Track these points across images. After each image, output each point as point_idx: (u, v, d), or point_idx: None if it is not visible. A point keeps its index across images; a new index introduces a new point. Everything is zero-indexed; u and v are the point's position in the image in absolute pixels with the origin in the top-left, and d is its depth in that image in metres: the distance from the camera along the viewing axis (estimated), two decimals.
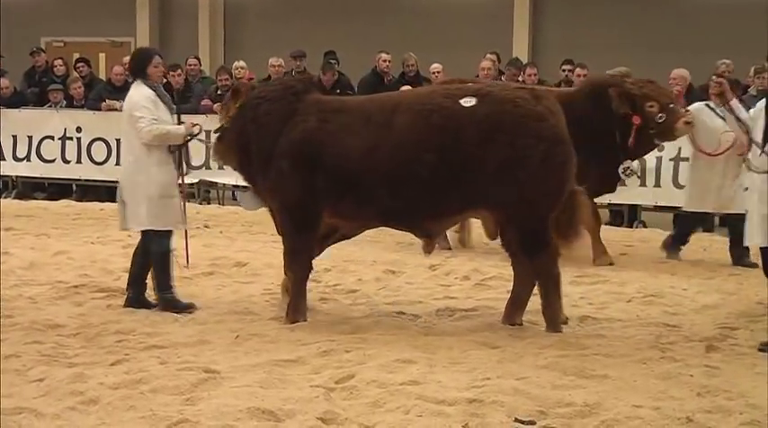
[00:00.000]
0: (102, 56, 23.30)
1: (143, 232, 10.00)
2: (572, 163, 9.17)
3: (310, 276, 9.62)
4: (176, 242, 10.06)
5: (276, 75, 18.21)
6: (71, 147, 18.44)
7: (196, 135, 9.88)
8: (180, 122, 10.13)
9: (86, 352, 8.44)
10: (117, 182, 10.22)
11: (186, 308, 9.84)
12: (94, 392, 7.30)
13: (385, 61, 18.26)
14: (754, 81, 15.77)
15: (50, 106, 18.91)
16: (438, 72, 17.70)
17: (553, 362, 8.02)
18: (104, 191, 18.29)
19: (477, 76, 17.34)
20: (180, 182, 9.98)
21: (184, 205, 10.07)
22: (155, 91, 9.86)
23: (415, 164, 9.04)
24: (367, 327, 9.20)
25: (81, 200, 18.03)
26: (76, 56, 21.57)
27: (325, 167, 9.25)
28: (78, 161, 18.35)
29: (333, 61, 18.81)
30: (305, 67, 19.02)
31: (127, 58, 20.14)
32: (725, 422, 6.75)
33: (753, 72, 15.99)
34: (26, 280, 10.97)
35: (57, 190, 19.13)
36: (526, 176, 8.96)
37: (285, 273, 9.70)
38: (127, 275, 10.33)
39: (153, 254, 9.97)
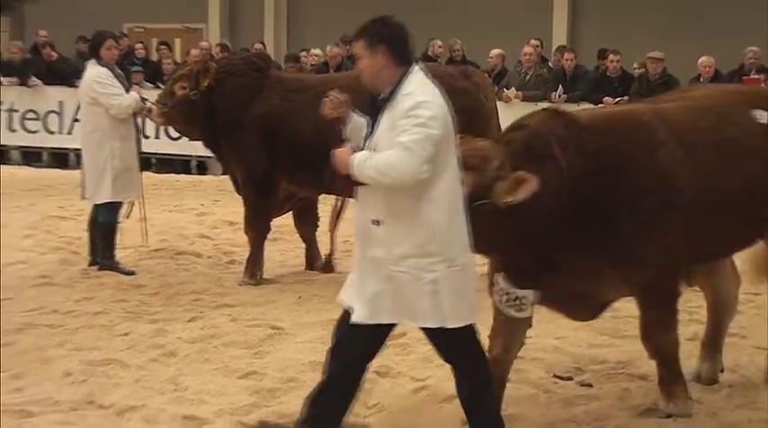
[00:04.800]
0: (177, 41, 23.36)
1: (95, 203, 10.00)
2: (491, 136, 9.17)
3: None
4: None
5: (334, 62, 18.23)
6: (150, 124, 18.54)
7: (146, 101, 9.95)
8: None
9: (166, 309, 8.54)
10: (189, 156, 10.30)
11: (126, 273, 9.80)
12: (173, 345, 7.40)
13: (440, 47, 18.27)
14: None
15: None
16: (493, 57, 17.75)
17: (589, 324, 8.01)
18: (179, 164, 18.38)
19: (520, 62, 17.36)
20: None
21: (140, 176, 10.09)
22: (110, 70, 9.90)
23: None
24: None
25: (159, 172, 18.09)
26: (155, 40, 21.72)
27: (284, 142, 9.41)
28: (156, 137, 18.31)
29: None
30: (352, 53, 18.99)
31: (203, 43, 20.41)
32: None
33: None
34: None
35: None
36: None
37: (246, 233, 9.84)
38: (196, 240, 10.36)
39: (100, 225, 9.95)
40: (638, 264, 5.78)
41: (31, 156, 19.42)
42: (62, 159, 18.65)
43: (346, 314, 5.26)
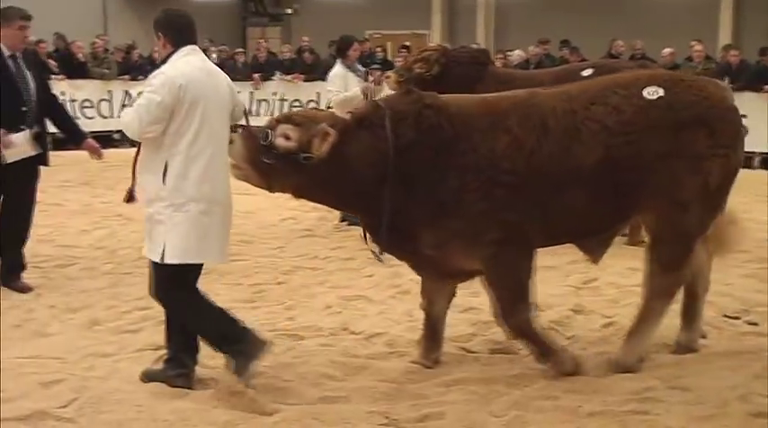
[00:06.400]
0: (406, 44, 23.48)
1: None
2: None
3: None
4: None
5: (534, 60, 17.96)
6: None
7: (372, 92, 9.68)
8: None
9: None
10: None
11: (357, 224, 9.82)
12: (407, 285, 7.39)
13: (621, 46, 17.76)
14: None
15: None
16: (666, 55, 17.16)
17: (753, 273, 7.66)
18: None
19: (690, 57, 16.72)
20: None
21: None
22: (348, 68, 9.74)
23: None
24: None
25: None
26: (390, 44, 21.91)
27: None
28: None
29: (565, 49, 18.42)
30: (548, 52, 18.69)
31: (431, 44, 20.46)
32: None
33: None
34: None
35: None
36: None
37: None
38: None
39: None
40: (474, 239, 5.12)
41: None
42: None
43: None
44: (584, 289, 7.34)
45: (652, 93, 5.27)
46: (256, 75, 19.45)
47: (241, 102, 5.37)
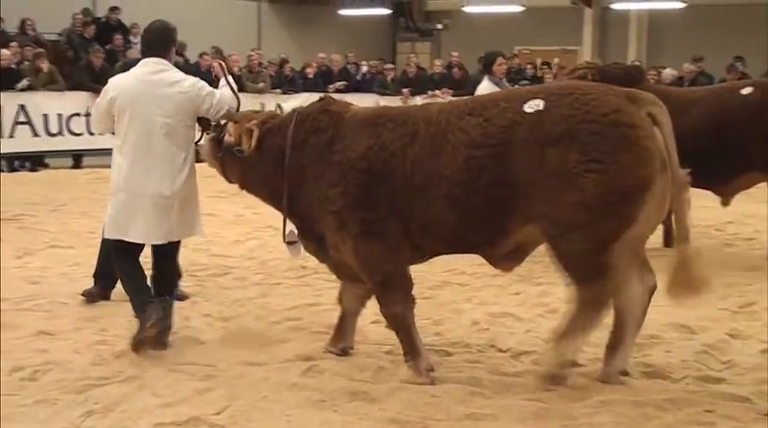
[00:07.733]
0: (555, 60, 23.27)
1: None
2: None
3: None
4: None
5: (688, 77, 17.55)
6: None
7: None
8: None
9: (548, 274, 8.35)
10: None
11: None
12: (555, 304, 7.32)
13: None
14: None
15: None
16: None
17: None
18: None
19: None
20: None
21: None
22: (495, 83, 9.60)
23: None
24: None
25: None
26: (539, 60, 21.78)
27: None
28: None
29: (738, 64, 17.82)
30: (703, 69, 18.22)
31: (582, 60, 20.26)
32: None
33: None
34: None
35: None
36: None
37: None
38: None
39: None
40: (340, 232, 5.45)
41: None
42: None
43: None
44: (740, 313, 7.10)
45: (532, 106, 5.10)
46: (405, 90, 19.64)
47: (215, 104, 6.02)
